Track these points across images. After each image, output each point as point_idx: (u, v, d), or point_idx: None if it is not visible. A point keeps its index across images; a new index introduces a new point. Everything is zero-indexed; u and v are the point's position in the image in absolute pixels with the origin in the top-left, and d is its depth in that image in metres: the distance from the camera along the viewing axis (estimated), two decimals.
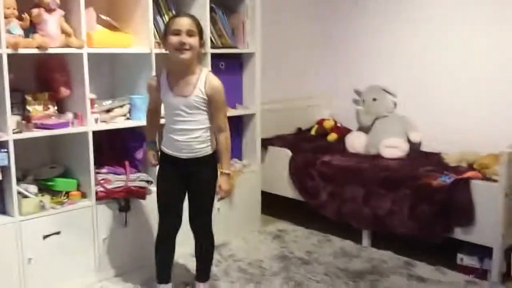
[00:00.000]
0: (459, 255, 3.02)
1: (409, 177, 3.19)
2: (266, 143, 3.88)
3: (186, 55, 2.37)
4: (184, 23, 2.38)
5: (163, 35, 2.47)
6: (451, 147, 3.58)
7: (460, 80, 3.70)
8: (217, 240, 3.36)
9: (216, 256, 3.17)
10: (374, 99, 3.91)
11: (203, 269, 2.71)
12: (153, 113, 2.65)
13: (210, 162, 2.53)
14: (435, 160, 3.53)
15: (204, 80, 2.43)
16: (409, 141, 3.75)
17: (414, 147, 3.79)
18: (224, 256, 3.21)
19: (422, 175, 3.18)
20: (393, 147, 3.67)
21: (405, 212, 3.12)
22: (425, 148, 3.85)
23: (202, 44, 2.46)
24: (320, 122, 4.34)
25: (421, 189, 3.08)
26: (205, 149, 2.50)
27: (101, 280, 2.87)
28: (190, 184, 2.55)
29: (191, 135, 2.45)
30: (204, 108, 2.46)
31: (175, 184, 2.55)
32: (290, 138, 4.12)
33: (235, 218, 3.54)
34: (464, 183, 2.94)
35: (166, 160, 2.56)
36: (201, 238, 2.65)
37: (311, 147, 3.87)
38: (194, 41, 2.38)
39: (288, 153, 3.78)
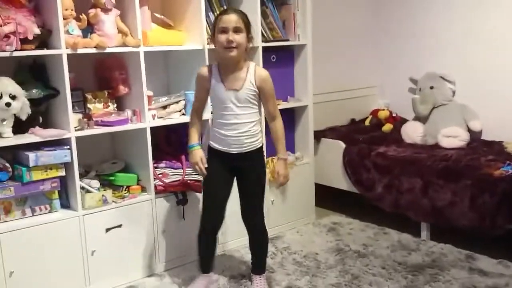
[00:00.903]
0: None
1: (470, 167, 3.08)
2: (318, 135, 3.85)
3: (234, 53, 2.39)
4: (231, 19, 2.38)
5: (212, 32, 2.49)
6: None
7: None
8: (272, 232, 3.41)
9: (271, 248, 3.19)
10: (431, 87, 3.79)
11: (258, 262, 2.74)
12: (197, 112, 2.62)
13: (259, 156, 2.56)
14: (496, 149, 3.40)
15: (253, 72, 2.46)
16: (469, 130, 3.63)
17: (475, 136, 3.66)
18: (279, 249, 3.22)
19: (483, 165, 3.07)
20: (452, 137, 3.56)
21: (465, 203, 3.01)
22: (486, 137, 3.70)
23: (250, 39, 2.47)
24: (374, 113, 4.26)
25: (482, 179, 2.96)
26: (254, 143, 2.52)
27: (162, 271, 2.96)
28: (241, 179, 2.58)
29: (240, 129, 2.47)
30: (254, 101, 2.48)
31: (223, 179, 2.57)
32: (343, 130, 4.07)
33: (289, 211, 3.55)
34: None
35: (214, 155, 2.57)
36: (254, 232, 2.67)
37: (366, 138, 3.81)
38: (241, 38, 2.39)
39: (342, 144, 3.73)
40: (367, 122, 4.25)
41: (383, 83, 4.45)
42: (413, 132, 3.78)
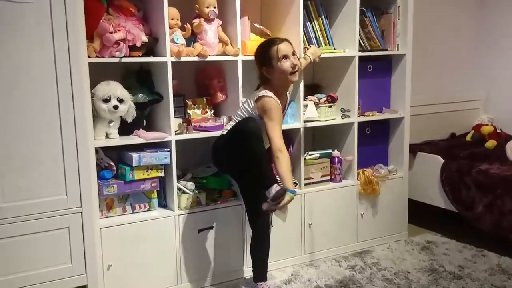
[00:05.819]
0: None
1: None
2: (415, 148, 3.72)
3: (297, 76, 2.58)
4: (287, 47, 2.55)
5: (267, 63, 2.56)
6: None
7: None
8: (361, 246, 3.36)
9: (359, 262, 3.13)
10: None
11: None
12: None
13: None
14: None
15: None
16: None
17: None
18: (368, 263, 3.14)
19: None
20: None
21: None
22: None
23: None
24: (477, 127, 4.04)
25: None
26: None
27: (249, 275, 3.00)
28: None
29: None
30: None
31: None
32: (442, 144, 3.90)
33: (379, 225, 3.46)
34: None
35: None
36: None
37: (466, 154, 3.62)
38: (298, 60, 2.60)
39: (440, 159, 3.57)
40: (468, 137, 4.03)
41: (487, 97, 4.21)
42: None
